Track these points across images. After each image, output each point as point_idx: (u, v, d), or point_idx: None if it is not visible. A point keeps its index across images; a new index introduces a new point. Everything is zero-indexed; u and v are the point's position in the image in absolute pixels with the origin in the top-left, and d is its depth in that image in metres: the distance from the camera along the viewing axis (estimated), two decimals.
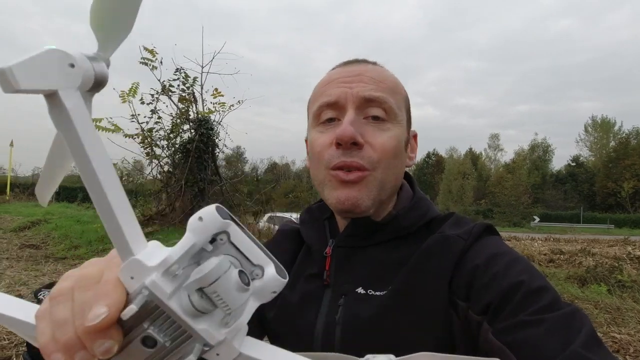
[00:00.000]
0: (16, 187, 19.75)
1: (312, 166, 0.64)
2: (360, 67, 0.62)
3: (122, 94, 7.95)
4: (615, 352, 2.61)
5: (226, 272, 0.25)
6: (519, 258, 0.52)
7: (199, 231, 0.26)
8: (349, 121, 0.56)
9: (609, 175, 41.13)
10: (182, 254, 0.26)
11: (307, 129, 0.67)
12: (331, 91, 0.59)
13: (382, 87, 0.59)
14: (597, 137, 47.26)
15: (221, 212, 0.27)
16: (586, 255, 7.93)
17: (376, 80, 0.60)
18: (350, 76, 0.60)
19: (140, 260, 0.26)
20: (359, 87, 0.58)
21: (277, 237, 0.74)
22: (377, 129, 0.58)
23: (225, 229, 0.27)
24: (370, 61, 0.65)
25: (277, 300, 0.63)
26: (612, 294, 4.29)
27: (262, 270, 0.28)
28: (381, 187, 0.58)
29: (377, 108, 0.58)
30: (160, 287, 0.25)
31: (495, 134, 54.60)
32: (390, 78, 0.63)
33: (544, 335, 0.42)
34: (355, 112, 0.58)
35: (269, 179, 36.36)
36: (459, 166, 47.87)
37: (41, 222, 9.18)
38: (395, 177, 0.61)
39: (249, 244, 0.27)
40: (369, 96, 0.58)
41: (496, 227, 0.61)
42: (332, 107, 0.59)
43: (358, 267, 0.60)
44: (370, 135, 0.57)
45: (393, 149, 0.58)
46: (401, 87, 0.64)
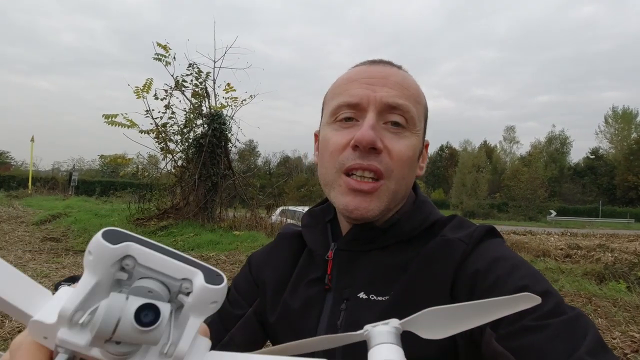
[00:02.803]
0: (37, 181, 20.33)
1: (322, 164, 0.62)
2: (385, 70, 0.60)
3: (137, 89, 8.07)
4: (634, 352, 2.55)
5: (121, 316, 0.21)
6: (521, 262, 0.51)
7: (93, 267, 0.23)
8: (370, 125, 0.55)
9: (629, 168, 39.89)
10: (82, 299, 0.23)
11: (320, 123, 0.66)
12: (354, 91, 0.58)
13: (406, 94, 0.58)
14: (618, 128, 45.79)
15: (110, 237, 0.24)
16: (604, 250, 7.76)
17: (401, 87, 0.58)
18: (375, 78, 0.58)
19: (39, 321, 0.23)
20: (383, 91, 0.57)
21: (279, 241, 0.73)
22: (396, 136, 0.57)
23: (125, 253, 0.24)
24: (395, 64, 0.63)
25: (279, 304, 0.64)
26: (632, 291, 4.17)
27: (192, 283, 0.25)
28: (392, 198, 0.58)
29: (399, 115, 0.57)
30: (71, 342, 0.22)
31: (511, 127, 53.48)
32: (414, 86, 0.61)
33: (548, 341, 0.41)
34: (376, 117, 0.56)
35: (282, 172, 36.52)
36: (473, 159, 47.12)
37: (61, 215, 9.45)
38: (406, 187, 0.60)
39: (163, 260, 0.24)
40: (393, 103, 0.56)
41: (511, 222, 0.60)
42: (353, 107, 0.58)
43: (360, 272, 0.59)
44: (389, 141, 0.56)
45: (409, 159, 0.57)
46: (423, 97, 0.63)
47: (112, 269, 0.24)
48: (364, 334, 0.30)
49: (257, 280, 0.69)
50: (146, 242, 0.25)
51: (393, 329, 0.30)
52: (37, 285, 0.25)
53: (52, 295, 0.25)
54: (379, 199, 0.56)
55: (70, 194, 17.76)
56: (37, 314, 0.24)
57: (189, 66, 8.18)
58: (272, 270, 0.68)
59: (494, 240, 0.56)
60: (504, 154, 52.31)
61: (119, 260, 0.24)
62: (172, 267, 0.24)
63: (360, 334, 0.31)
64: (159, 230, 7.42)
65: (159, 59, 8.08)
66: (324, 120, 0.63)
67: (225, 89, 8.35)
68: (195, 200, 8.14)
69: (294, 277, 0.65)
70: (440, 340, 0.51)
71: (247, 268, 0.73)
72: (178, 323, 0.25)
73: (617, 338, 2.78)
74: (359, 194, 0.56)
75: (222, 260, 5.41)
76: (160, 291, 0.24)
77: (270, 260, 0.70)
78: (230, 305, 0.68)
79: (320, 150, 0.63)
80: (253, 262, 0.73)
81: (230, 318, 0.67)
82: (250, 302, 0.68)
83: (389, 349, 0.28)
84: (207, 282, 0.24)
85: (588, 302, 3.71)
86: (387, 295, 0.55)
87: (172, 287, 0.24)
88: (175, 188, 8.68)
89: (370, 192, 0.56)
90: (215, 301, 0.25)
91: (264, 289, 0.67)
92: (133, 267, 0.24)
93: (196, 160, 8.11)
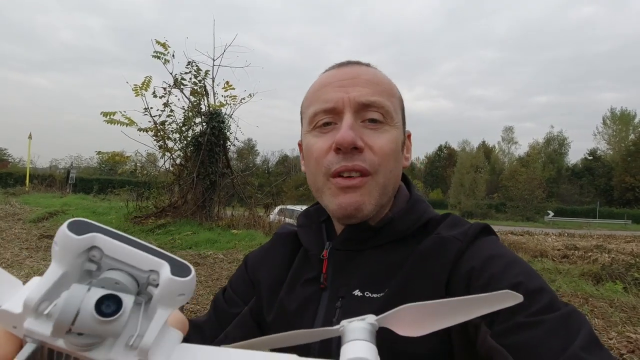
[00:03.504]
0: (35, 178, 20.27)
1: (309, 171, 0.63)
2: (355, 70, 0.61)
3: (135, 87, 8.05)
4: (630, 352, 2.56)
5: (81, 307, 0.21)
6: (516, 260, 0.51)
7: (59, 258, 0.23)
8: (348, 125, 0.56)
9: (627, 169, 40.05)
10: (48, 289, 0.23)
11: (301, 132, 0.67)
12: (327, 96, 0.59)
13: (379, 90, 0.59)
14: (616, 129, 45.96)
15: (76, 227, 0.24)
16: (602, 251, 7.78)
17: (372, 83, 0.59)
18: (346, 79, 0.59)
19: (6, 310, 0.23)
20: (355, 91, 0.58)
21: (275, 241, 0.74)
22: (376, 132, 0.58)
23: (91, 244, 0.24)
24: (363, 63, 0.64)
25: (275, 303, 0.64)
26: (629, 292, 4.19)
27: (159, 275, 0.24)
28: (383, 191, 0.58)
29: (375, 112, 0.58)
30: (37, 332, 0.22)
31: (509, 127, 53.63)
32: (385, 80, 0.62)
33: (542, 337, 0.41)
34: (353, 117, 0.57)
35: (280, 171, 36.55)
36: (472, 159, 47.21)
37: (59, 213, 9.42)
38: (395, 180, 0.61)
39: (129, 251, 0.24)
40: (367, 101, 0.57)
41: (509, 222, 0.60)
42: (330, 112, 0.59)
43: (355, 270, 0.60)
44: (369, 139, 0.57)
45: (392, 151, 0.58)
46: (396, 89, 0.64)
47: (79, 259, 0.24)
48: (339, 329, 0.30)
49: (253, 279, 0.70)
50: (112, 233, 0.24)
51: (369, 325, 0.29)
52: (8, 274, 0.25)
53: (22, 285, 0.25)
54: (370, 193, 0.57)
55: (67, 191, 17.70)
56: (5, 304, 0.23)
57: (188, 64, 8.17)
58: (268, 269, 0.68)
59: (488, 238, 0.56)
60: (502, 154, 52.45)
61: (86, 251, 0.24)
62: (138, 259, 0.24)
63: (336, 329, 0.30)
64: (156, 228, 7.40)
65: (158, 57, 8.06)
66: (304, 129, 0.65)
67: (224, 87, 8.33)
68: (194, 198, 8.13)
69: (290, 277, 0.65)
70: (434, 337, 0.52)
71: (243, 267, 0.73)
72: (147, 315, 0.24)
73: (613, 338, 2.79)
74: (349, 191, 0.57)
75: (220, 259, 5.41)
76: (127, 283, 0.23)
77: (267, 260, 0.70)
78: (226, 304, 0.69)
79: (305, 159, 0.65)
80: (249, 261, 0.73)
81: (226, 317, 0.67)
82: (246, 301, 0.68)
83: (362, 346, 0.28)
84: (174, 274, 0.24)
85: (585, 303, 3.72)
86: (382, 292, 0.56)
87: (140, 279, 0.24)
88: (174, 186, 8.66)
89: (359, 185, 0.57)
90: (182, 293, 0.25)
91: (260, 289, 0.68)
92: (100, 259, 0.24)
93: (194, 158, 8.10)
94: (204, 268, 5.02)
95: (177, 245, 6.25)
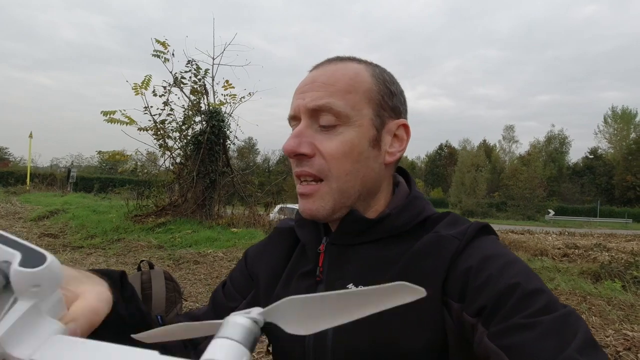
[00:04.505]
0: (35, 177, 20.30)
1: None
2: (315, 73, 0.61)
3: (135, 86, 8.06)
4: (626, 349, 2.57)
5: None
6: (514, 260, 0.51)
7: None
8: (294, 134, 0.58)
9: (628, 168, 39.96)
10: None
11: None
12: (293, 103, 0.61)
13: (331, 91, 0.57)
14: (617, 128, 45.85)
15: None
16: (602, 250, 7.77)
17: (327, 85, 0.58)
18: (307, 85, 0.60)
19: None
20: (308, 96, 0.58)
21: (274, 235, 0.74)
22: (327, 137, 0.57)
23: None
24: (337, 58, 0.62)
25: (271, 297, 0.65)
26: (627, 290, 4.19)
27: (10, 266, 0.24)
28: (339, 195, 0.58)
29: (327, 115, 0.57)
30: None
31: (510, 126, 53.49)
32: (345, 77, 0.58)
33: (539, 338, 0.41)
34: (310, 122, 0.58)
35: (281, 170, 36.49)
36: (473, 158, 47.15)
37: (59, 211, 9.45)
38: (360, 180, 0.59)
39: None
40: (314, 106, 0.57)
41: (510, 221, 0.59)
42: (294, 119, 0.61)
43: (351, 264, 0.60)
44: (319, 143, 0.58)
45: (344, 154, 0.57)
46: (362, 82, 0.59)
47: None
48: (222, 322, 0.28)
49: (252, 273, 0.71)
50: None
51: (248, 321, 0.27)
52: None
53: None
54: (322, 198, 0.58)
55: (68, 190, 17.73)
56: None
57: (188, 63, 8.17)
58: (267, 264, 0.69)
59: (487, 237, 0.56)
60: (503, 153, 52.37)
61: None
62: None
63: (219, 323, 0.28)
64: (156, 227, 7.42)
65: (158, 56, 8.06)
66: None
67: (224, 86, 8.34)
68: (194, 197, 8.15)
69: (287, 271, 0.66)
70: (429, 334, 0.51)
71: (243, 262, 0.74)
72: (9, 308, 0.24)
73: (610, 336, 2.80)
74: (304, 197, 0.60)
75: (220, 257, 5.42)
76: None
77: (265, 255, 0.71)
78: (225, 297, 0.70)
79: None
80: (249, 256, 0.74)
81: (224, 310, 0.68)
82: (244, 296, 0.69)
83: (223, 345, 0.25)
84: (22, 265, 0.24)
85: (583, 301, 3.73)
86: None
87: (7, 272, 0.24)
88: (174, 185, 8.68)
89: (311, 194, 0.59)
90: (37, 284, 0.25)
91: (258, 283, 0.68)
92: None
93: (194, 157, 8.11)
94: (203, 266, 5.04)
95: (177, 243, 6.27)
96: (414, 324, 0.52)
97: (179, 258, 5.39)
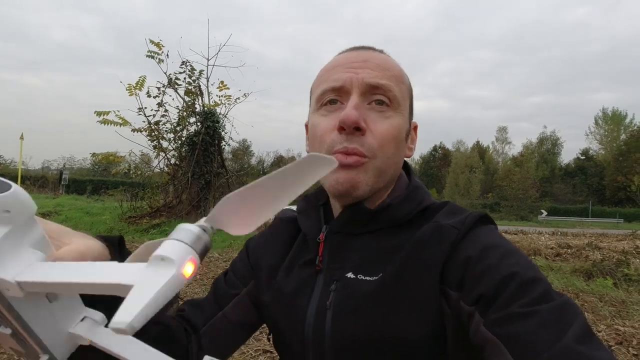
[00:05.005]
0: (27, 179, 20.04)
1: (312, 149, 0.63)
2: (367, 54, 0.61)
3: (129, 87, 8.02)
4: (618, 344, 2.61)
5: None
6: (512, 249, 0.51)
7: None
8: (353, 105, 0.56)
9: (619, 168, 40.49)
10: None
11: (309, 113, 0.67)
12: (337, 76, 0.59)
13: (388, 75, 0.59)
14: (608, 129, 46.45)
15: None
16: (593, 249, 7.87)
17: (382, 68, 0.59)
18: (357, 61, 0.59)
19: None
20: (364, 72, 0.58)
21: (276, 224, 0.74)
22: (380, 115, 0.58)
23: None
24: (377, 49, 0.65)
25: (273, 285, 0.65)
26: (618, 287, 4.26)
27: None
28: (379, 175, 0.58)
29: (382, 95, 0.58)
30: None
31: (503, 127, 53.98)
32: (396, 67, 0.63)
33: (536, 327, 0.41)
34: (360, 98, 0.57)
35: None
36: (466, 159, 47.48)
37: (52, 213, 9.34)
38: (394, 166, 0.61)
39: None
40: (375, 83, 0.57)
41: (503, 221, 0.59)
42: (337, 91, 0.59)
43: (351, 254, 0.60)
44: (372, 122, 0.57)
45: (393, 138, 0.58)
46: (406, 77, 0.64)
47: None
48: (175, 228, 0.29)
49: (253, 263, 0.71)
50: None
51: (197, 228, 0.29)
52: None
53: None
54: (366, 172, 0.57)
55: (60, 192, 17.54)
56: None
57: (182, 64, 8.16)
58: (268, 253, 0.69)
59: (486, 227, 0.56)
60: (496, 154, 52.78)
61: None
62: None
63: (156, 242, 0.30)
64: (151, 228, 7.38)
65: (152, 57, 8.04)
66: (311, 109, 0.65)
67: (219, 87, 8.33)
68: (188, 198, 8.11)
69: (288, 260, 0.66)
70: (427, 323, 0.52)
71: (244, 251, 0.75)
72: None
73: (602, 331, 2.84)
74: (346, 168, 0.56)
75: (215, 258, 5.41)
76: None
77: (267, 244, 0.71)
78: (226, 285, 0.71)
79: (310, 138, 0.64)
80: (250, 246, 0.75)
81: (225, 297, 0.69)
82: (245, 284, 0.70)
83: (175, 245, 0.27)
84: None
85: (576, 298, 3.78)
86: (377, 276, 0.56)
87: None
88: (168, 186, 8.63)
89: (355, 165, 0.56)
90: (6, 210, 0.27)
91: (259, 271, 0.69)
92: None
93: (189, 158, 8.08)
94: (199, 267, 5.01)
95: None
96: (413, 313, 0.52)
97: None
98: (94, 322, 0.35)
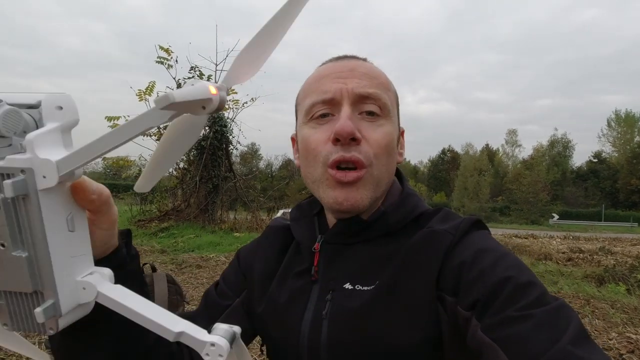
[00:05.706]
0: None
1: (305, 164, 0.62)
2: (352, 63, 0.61)
3: (139, 92, 8.14)
4: (629, 352, 2.55)
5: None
6: (506, 253, 0.51)
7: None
8: (347, 116, 0.56)
9: (632, 171, 39.64)
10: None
11: (296, 125, 0.66)
12: (326, 87, 0.58)
13: (376, 83, 0.59)
14: (621, 132, 45.59)
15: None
16: (606, 254, 7.72)
17: (370, 77, 0.59)
18: (344, 71, 0.59)
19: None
20: (353, 82, 0.58)
21: (267, 233, 0.74)
22: (372, 124, 0.58)
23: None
24: (360, 57, 0.64)
25: (265, 295, 0.65)
26: (632, 293, 4.16)
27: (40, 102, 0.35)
28: (377, 185, 0.58)
29: (372, 104, 0.58)
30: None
31: (513, 130, 53.27)
32: (382, 74, 0.63)
33: (532, 331, 0.41)
34: (351, 108, 0.57)
35: (283, 175, 36.53)
36: (475, 162, 47.00)
37: None
38: (389, 174, 0.61)
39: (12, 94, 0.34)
40: (365, 93, 0.57)
41: (513, 225, 0.59)
42: (328, 103, 0.58)
43: (346, 263, 0.60)
44: (366, 131, 0.57)
45: (387, 146, 0.58)
46: (391, 84, 0.64)
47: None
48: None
49: (245, 272, 0.70)
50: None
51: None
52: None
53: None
54: (365, 187, 0.57)
55: None
56: None
57: (191, 69, 8.26)
58: (260, 262, 0.69)
59: (479, 232, 0.56)
60: (506, 157, 52.17)
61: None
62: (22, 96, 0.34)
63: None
64: (160, 231, 7.45)
65: (161, 62, 8.16)
66: (299, 122, 0.64)
67: (227, 91, 8.40)
68: (196, 202, 8.18)
69: (281, 270, 0.66)
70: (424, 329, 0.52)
71: (236, 261, 0.74)
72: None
73: (613, 339, 2.78)
74: (345, 186, 0.57)
75: (222, 262, 5.43)
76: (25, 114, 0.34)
77: (259, 253, 0.71)
78: (218, 296, 0.69)
79: (301, 151, 0.64)
80: (241, 255, 0.74)
81: (217, 308, 0.68)
82: (237, 294, 0.69)
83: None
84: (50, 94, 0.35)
85: (586, 304, 3.71)
86: (373, 285, 0.56)
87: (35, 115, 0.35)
88: (177, 190, 8.72)
89: (355, 181, 0.56)
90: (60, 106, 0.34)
91: (251, 281, 0.68)
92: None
93: (197, 162, 8.16)
94: (206, 270, 5.05)
95: (180, 248, 6.29)
96: (409, 320, 0.52)
97: (181, 262, 5.41)
98: (102, 275, 0.37)
